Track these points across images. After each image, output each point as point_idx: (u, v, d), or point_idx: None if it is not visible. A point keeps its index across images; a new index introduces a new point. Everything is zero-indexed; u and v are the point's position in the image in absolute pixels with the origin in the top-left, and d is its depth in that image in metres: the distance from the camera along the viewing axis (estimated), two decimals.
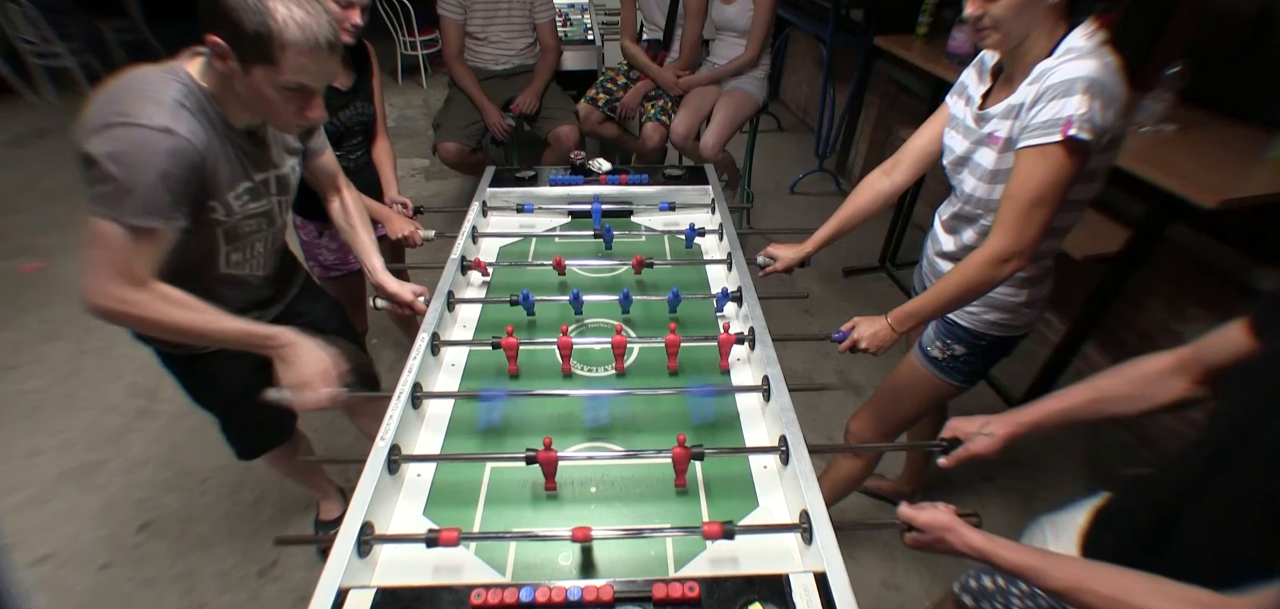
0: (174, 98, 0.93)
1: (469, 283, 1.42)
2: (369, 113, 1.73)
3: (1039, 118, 0.96)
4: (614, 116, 2.76)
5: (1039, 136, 0.96)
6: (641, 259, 1.39)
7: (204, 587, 1.68)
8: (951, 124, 1.22)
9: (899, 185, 1.35)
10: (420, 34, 4.84)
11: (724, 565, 0.84)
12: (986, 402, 2.30)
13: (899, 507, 0.85)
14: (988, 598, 0.99)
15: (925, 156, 1.30)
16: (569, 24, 3.27)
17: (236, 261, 1.15)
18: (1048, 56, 1.00)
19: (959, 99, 1.22)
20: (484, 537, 0.86)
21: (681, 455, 0.92)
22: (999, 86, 1.13)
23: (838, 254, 3.08)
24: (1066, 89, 0.93)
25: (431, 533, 0.80)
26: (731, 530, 0.81)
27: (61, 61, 4.53)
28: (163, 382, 2.31)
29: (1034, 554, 0.71)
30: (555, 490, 0.94)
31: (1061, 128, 0.93)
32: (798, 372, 2.34)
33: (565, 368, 1.15)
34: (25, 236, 3.14)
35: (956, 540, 0.77)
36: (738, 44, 2.58)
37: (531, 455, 0.89)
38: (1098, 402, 0.88)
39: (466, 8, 2.47)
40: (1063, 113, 0.93)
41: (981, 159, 1.11)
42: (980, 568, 0.97)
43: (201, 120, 0.96)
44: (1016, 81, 1.05)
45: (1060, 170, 0.96)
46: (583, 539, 0.80)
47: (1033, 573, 0.70)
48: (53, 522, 1.82)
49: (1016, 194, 1.00)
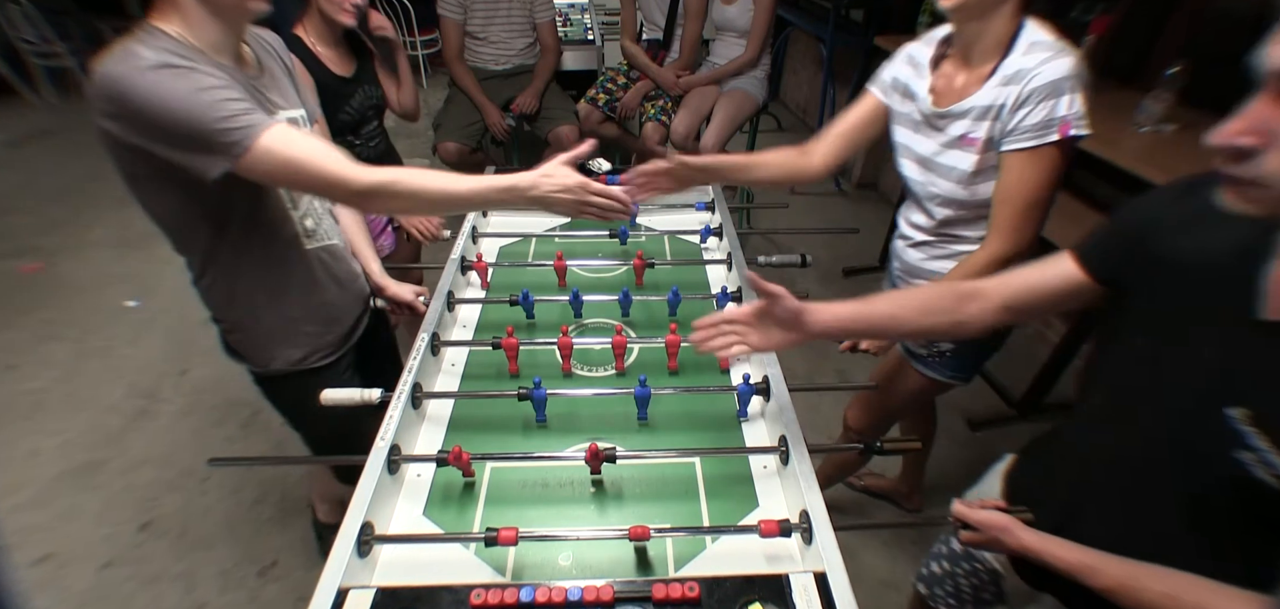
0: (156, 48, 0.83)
1: (469, 283, 1.42)
2: (378, 95, 1.73)
3: (1031, 120, 0.97)
4: (614, 116, 2.76)
5: (1034, 139, 0.97)
6: (642, 259, 1.38)
7: (204, 587, 1.68)
8: (899, 122, 1.21)
9: (813, 168, 1.29)
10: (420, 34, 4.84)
11: (724, 565, 0.84)
12: (988, 401, 2.30)
13: (953, 504, 0.86)
14: (939, 583, 1.02)
15: (844, 145, 1.28)
16: (569, 24, 3.27)
17: (310, 228, 1.11)
18: (1007, 50, 1.00)
19: (900, 96, 1.20)
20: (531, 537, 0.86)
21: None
22: (949, 80, 1.11)
23: (837, 254, 3.08)
24: (1055, 90, 0.95)
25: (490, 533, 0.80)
26: None
27: (61, 61, 4.53)
28: (163, 381, 2.32)
29: (1087, 553, 0.71)
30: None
31: (1059, 128, 0.95)
32: (798, 372, 2.34)
33: (565, 367, 1.16)
34: (25, 236, 3.14)
35: (1011, 540, 0.78)
36: (738, 44, 2.58)
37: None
38: (895, 316, 0.88)
39: (466, 8, 2.47)
40: (1057, 114, 0.95)
41: (955, 162, 1.11)
42: (934, 554, 0.99)
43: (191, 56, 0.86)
44: (973, 73, 1.05)
45: (1056, 169, 0.98)
46: (639, 538, 0.80)
47: (1085, 571, 0.70)
48: (53, 522, 1.82)
49: (1013, 197, 1.01)
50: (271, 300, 1.08)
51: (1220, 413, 0.60)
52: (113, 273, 2.90)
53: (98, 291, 2.78)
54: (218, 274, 1.03)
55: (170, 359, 2.42)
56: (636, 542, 0.82)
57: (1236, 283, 0.61)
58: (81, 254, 3.04)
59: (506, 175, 1.00)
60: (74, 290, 2.79)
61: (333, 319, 1.18)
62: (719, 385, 1.12)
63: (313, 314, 1.14)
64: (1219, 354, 0.62)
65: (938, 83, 1.13)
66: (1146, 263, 0.70)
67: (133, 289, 2.79)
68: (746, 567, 0.83)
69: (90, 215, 3.32)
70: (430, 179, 0.96)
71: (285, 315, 1.10)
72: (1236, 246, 0.62)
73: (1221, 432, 0.60)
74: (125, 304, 2.71)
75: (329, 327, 1.18)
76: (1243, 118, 0.52)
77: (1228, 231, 0.62)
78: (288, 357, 1.13)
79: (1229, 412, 0.60)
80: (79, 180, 3.62)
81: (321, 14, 1.53)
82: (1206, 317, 0.64)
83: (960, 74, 1.09)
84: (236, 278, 1.04)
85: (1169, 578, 0.65)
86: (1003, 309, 0.84)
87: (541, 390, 1.02)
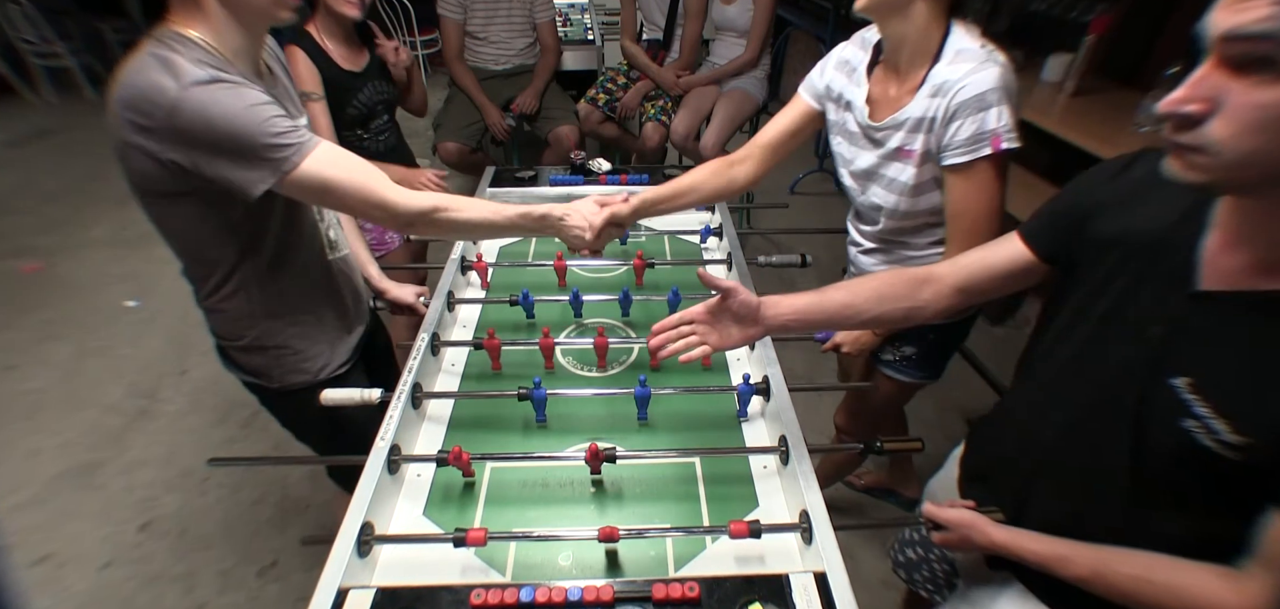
0: (194, 60, 0.81)
1: (469, 283, 1.42)
2: (388, 90, 1.73)
3: (962, 135, 0.97)
4: (614, 116, 2.76)
5: (967, 153, 0.97)
6: (642, 259, 1.38)
7: (204, 587, 1.68)
8: (836, 132, 1.20)
9: (738, 184, 1.26)
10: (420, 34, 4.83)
11: (724, 565, 0.84)
12: (984, 398, 2.30)
13: (923, 506, 0.86)
14: (915, 568, 1.02)
15: (771, 156, 1.27)
16: (569, 24, 3.26)
17: (333, 239, 1.11)
18: (935, 58, 1.00)
19: (836, 105, 1.19)
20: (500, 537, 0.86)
21: None
22: (884, 88, 1.10)
23: (837, 255, 3.07)
24: (981, 103, 0.94)
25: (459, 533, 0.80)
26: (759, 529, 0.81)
27: (61, 61, 4.53)
28: (163, 381, 2.32)
29: (1058, 544, 0.72)
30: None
31: (990, 142, 0.95)
32: (798, 372, 2.34)
33: (547, 365, 1.16)
34: (25, 236, 3.14)
35: (980, 537, 0.78)
36: (738, 44, 2.58)
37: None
38: (850, 304, 0.87)
39: (466, 8, 2.47)
40: (987, 128, 0.95)
41: (896, 174, 1.10)
42: (905, 541, 0.99)
43: (226, 68, 0.85)
44: (904, 83, 1.04)
45: (996, 180, 0.99)
46: (608, 538, 0.80)
47: (1056, 562, 0.71)
48: (53, 522, 1.82)
49: (961, 213, 1.02)
50: (299, 314, 1.06)
51: (1165, 383, 0.62)
52: (113, 273, 2.90)
53: (98, 291, 2.78)
54: (242, 291, 0.99)
55: (170, 359, 2.42)
56: (606, 543, 0.81)
57: (1176, 253, 0.63)
58: (81, 254, 3.04)
59: (541, 206, 1.07)
60: (74, 290, 2.79)
61: (350, 328, 1.18)
62: (719, 385, 1.12)
63: (334, 324, 1.14)
64: (1161, 326, 0.63)
65: (874, 91, 1.12)
66: (1089, 239, 0.72)
67: (133, 289, 2.79)
68: (746, 567, 0.83)
69: (90, 215, 3.32)
70: (475, 208, 1.00)
71: (310, 328, 1.09)
72: (1176, 217, 0.64)
73: (1167, 402, 0.61)
74: (125, 304, 2.71)
75: (347, 335, 1.17)
76: (1188, 85, 0.52)
77: (1167, 203, 0.64)
78: (309, 369, 1.10)
79: (1173, 381, 0.61)
80: (79, 180, 3.63)
81: (329, 10, 1.54)
82: (1148, 288, 0.65)
83: (893, 83, 1.08)
84: (264, 294, 1.00)
85: (1138, 560, 0.66)
86: (956, 291, 0.85)
87: (541, 390, 1.02)
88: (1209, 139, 0.51)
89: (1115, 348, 0.67)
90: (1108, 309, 0.68)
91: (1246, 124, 0.49)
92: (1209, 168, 0.53)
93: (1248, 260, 0.58)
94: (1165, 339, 0.62)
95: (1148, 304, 0.65)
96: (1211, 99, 0.51)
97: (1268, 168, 0.51)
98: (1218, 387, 0.58)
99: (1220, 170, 0.52)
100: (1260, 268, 0.57)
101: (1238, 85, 0.49)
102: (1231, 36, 0.49)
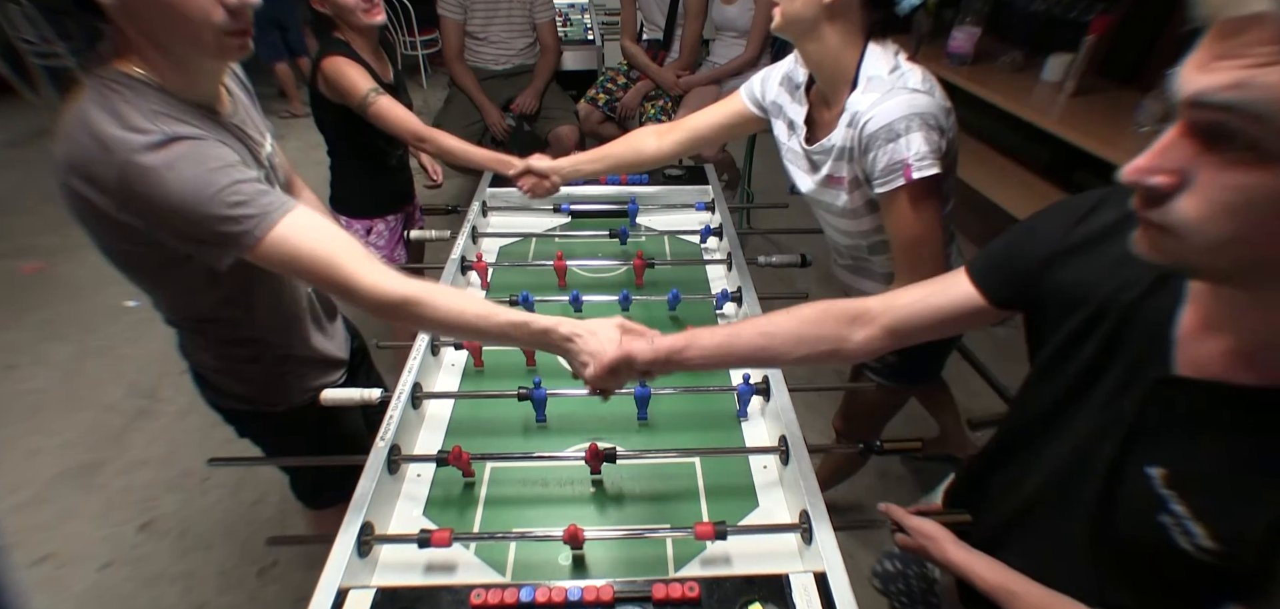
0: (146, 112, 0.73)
1: (469, 283, 1.42)
2: (406, 103, 1.74)
3: (878, 166, 0.96)
4: (614, 116, 2.76)
5: (887, 183, 0.96)
6: (642, 259, 1.38)
7: (204, 587, 1.68)
8: (784, 152, 1.21)
9: (666, 151, 1.34)
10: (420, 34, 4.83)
11: (724, 566, 0.84)
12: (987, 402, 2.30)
13: (882, 505, 0.86)
14: (893, 580, 1.02)
15: (698, 139, 1.31)
16: (569, 24, 3.27)
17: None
18: (853, 83, 0.99)
19: (781, 123, 1.19)
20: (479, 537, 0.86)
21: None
22: (819, 109, 1.11)
23: None
24: (890, 134, 0.93)
25: (423, 533, 0.80)
26: (723, 531, 0.82)
27: (61, 61, 4.53)
28: (163, 381, 2.32)
29: (1010, 576, 0.69)
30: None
31: (903, 172, 0.93)
32: (798, 372, 2.34)
33: (529, 362, 1.18)
34: (25, 236, 3.14)
35: (936, 551, 0.77)
36: (738, 44, 2.58)
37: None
38: (764, 347, 0.80)
39: (466, 7, 2.47)
40: (898, 157, 0.93)
41: (832, 199, 1.10)
42: (887, 552, 0.99)
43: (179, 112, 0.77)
44: (832, 109, 1.04)
45: (921, 206, 0.96)
46: (573, 540, 0.80)
47: (1004, 595, 0.69)
48: (53, 522, 1.82)
49: (896, 238, 1.02)
50: (293, 335, 1.05)
51: (1141, 471, 0.56)
52: (113, 273, 2.84)
53: (98, 291, 2.78)
54: (230, 323, 0.96)
55: (170, 359, 2.40)
56: (572, 544, 0.81)
57: (1148, 327, 0.56)
58: (81, 254, 3.04)
59: (544, 318, 0.86)
60: (74, 290, 2.79)
61: (343, 340, 1.18)
62: (719, 385, 1.12)
63: (330, 339, 1.14)
64: (1134, 404, 0.57)
65: (813, 112, 1.12)
66: (1052, 289, 0.65)
67: (133, 289, 2.76)
68: (746, 567, 0.83)
69: None
70: (458, 306, 0.84)
71: (308, 346, 1.08)
72: (1147, 282, 0.57)
73: (1142, 491, 0.56)
74: (125, 304, 2.71)
75: (341, 348, 1.17)
76: (1155, 152, 0.45)
77: (1137, 264, 0.52)
78: (305, 387, 1.10)
79: (1149, 470, 0.56)
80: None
81: (355, 27, 1.57)
82: (1120, 360, 0.58)
83: (823, 107, 1.08)
84: (254, 323, 0.98)
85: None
86: (888, 333, 0.77)
87: (541, 390, 1.02)
88: (1177, 218, 0.43)
89: (1086, 414, 0.62)
90: (1079, 371, 0.63)
91: (1218, 206, 0.41)
92: (1177, 252, 0.45)
93: (1225, 348, 0.52)
94: (1138, 417, 0.57)
95: (1120, 374, 0.59)
96: (1180, 171, 0.43)
97: (1241, 258, 0.43)
98: (1194, 484, 0.53)
99: (1190, 255, 0.45)
100: (1238, 358, 0.51)
101: (1208, 159, 0.42)
102: (1196, 103, 0.41)
